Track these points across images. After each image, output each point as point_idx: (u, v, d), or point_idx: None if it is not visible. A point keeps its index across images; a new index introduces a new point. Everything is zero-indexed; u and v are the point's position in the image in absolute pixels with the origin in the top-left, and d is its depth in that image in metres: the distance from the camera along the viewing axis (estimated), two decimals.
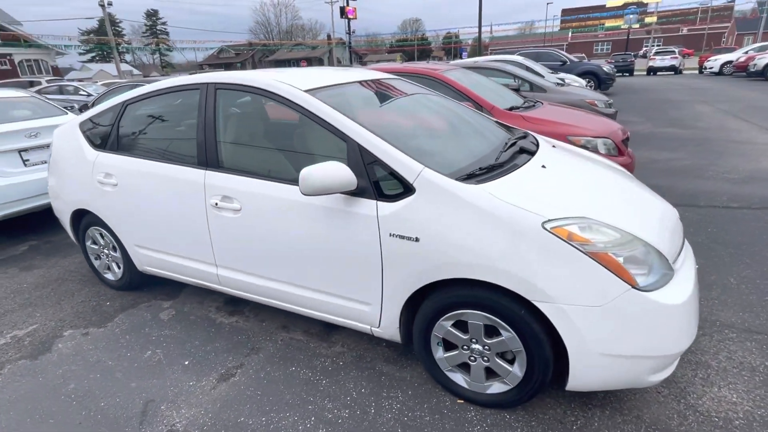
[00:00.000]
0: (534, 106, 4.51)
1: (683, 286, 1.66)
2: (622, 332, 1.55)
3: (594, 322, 1.55)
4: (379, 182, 1.84)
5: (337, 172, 1.77)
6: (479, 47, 29.21)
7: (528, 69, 9.05)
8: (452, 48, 72.73)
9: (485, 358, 1.83)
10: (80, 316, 2.79)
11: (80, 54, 67.10)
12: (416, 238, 1.75)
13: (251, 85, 2.19)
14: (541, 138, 2.65)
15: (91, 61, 66.31)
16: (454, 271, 1.71)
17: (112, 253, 2.95)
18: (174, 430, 1.87)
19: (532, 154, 2.22)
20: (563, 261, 1.55)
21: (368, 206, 1.84)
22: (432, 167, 1.80)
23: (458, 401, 1.94)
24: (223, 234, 2.27)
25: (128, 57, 76.13)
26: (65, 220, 3.12)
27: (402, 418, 1.87)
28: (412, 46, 72.91)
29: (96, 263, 3.12)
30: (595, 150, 3.69)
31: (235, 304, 2.82)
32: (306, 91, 2.08)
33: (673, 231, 1.89)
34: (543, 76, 8.86)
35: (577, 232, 1.59)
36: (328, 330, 2.50)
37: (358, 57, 63.41)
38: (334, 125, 1.93)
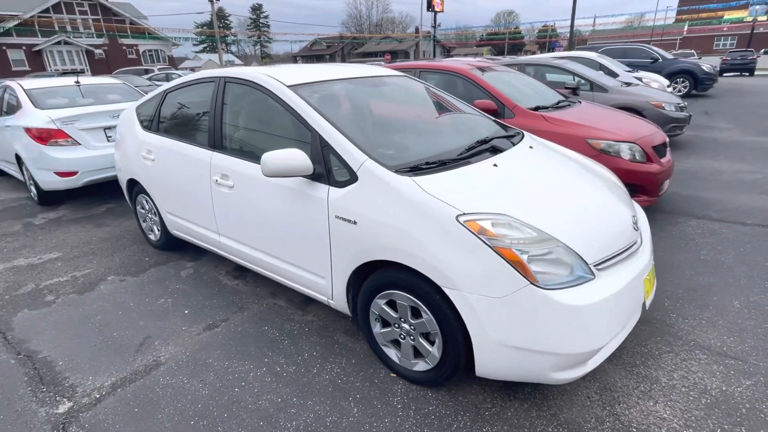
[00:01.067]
0: (568, 106, 4.35)
1: (600, 290, 1.67)
2: (519, 325, 1.63)
3: (493, 312, 1.65)
4: (332, 169, 2.07)
5: (294, 157, 2.02)
6: (571, 41, 27.46)
7: (601, 67, 8.53)
8: (547, 42, 68.81)
9: (412, 337, 1.99)
10: (124, 266, 3.40)
11: (194, 45, 74.86)
12: (354, 221, 1.95)
13: (248, 79, 2.52)
14: (529, 138, 2.66)
15: (202, 51, 73.56)
16: (382, 254, 1.89)
17: (153, 217, 3.52)
18: (158, 360, 2.29)
19: (500, 152, 2.29)
20: (471, 252, 1.66)
21: (322, 190, 2.08)
22: (377, 158, 1.98)
23: (391, 374, 2.12)
24: (222, 206, 2.65)
25: (234, 48, 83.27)
26: (124, 188, 3.77)
27: (336, 381, 2.10)
28: (503, 40, 70.27)
29: (143, 225, 3.73)
30: (617, 155, 3.53)
31: (241, 270, 3.23)
32: (290, 86, 2.36)
33: (614, 237, 1.87)
34: (617, 75, 8.30)
35: (488, 227, 1.68)
36: (307, 301, 2.79)
37: (445, 50, 62.76)
38: (303, 117, 2.19)
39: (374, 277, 2.01)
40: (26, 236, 4.08)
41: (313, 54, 64.91)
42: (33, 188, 4.94)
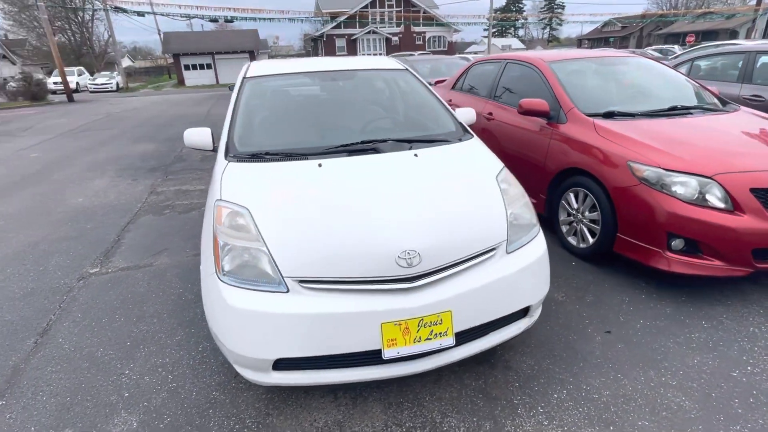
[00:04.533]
0: (686, 114, 3.08)
1: (279, 305, 1.61)
2: (209, 308, 1.77)
3: (203, 290, 1.84)
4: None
5: (201, 135, 2.58)
6: None
7: None
8: None
9: None
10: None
11: (484, 30, 78.83)
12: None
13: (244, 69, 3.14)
14: (449, 147, 2.32)
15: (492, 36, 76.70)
16: None
17: None
18: (151, 264, 3.33)
19: (377, 152, 2.22)
20: (208, 233, 1.89)
21: (220, 163, 2.56)
22: (235, 143, 2.33)
23: None
24: None
25: (521, 32, 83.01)
26: None
27: (193, 339, 2.63)
28: None
29: None
30: (667, 190, 2.44)
31: None
32: (247, 77, 2.85)
33: (348, 262, 1.64)
34: None
35: (224, 215, 1.86)
36: None
37: None
38: (230, 105, 2.68)
39: None
40: (207, 172, 6.03)
41: (601, 36, 58.03)
42: None
